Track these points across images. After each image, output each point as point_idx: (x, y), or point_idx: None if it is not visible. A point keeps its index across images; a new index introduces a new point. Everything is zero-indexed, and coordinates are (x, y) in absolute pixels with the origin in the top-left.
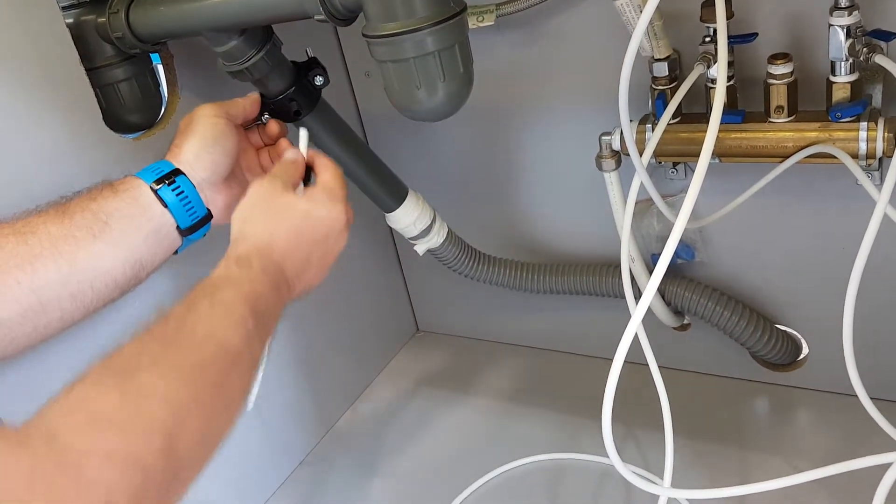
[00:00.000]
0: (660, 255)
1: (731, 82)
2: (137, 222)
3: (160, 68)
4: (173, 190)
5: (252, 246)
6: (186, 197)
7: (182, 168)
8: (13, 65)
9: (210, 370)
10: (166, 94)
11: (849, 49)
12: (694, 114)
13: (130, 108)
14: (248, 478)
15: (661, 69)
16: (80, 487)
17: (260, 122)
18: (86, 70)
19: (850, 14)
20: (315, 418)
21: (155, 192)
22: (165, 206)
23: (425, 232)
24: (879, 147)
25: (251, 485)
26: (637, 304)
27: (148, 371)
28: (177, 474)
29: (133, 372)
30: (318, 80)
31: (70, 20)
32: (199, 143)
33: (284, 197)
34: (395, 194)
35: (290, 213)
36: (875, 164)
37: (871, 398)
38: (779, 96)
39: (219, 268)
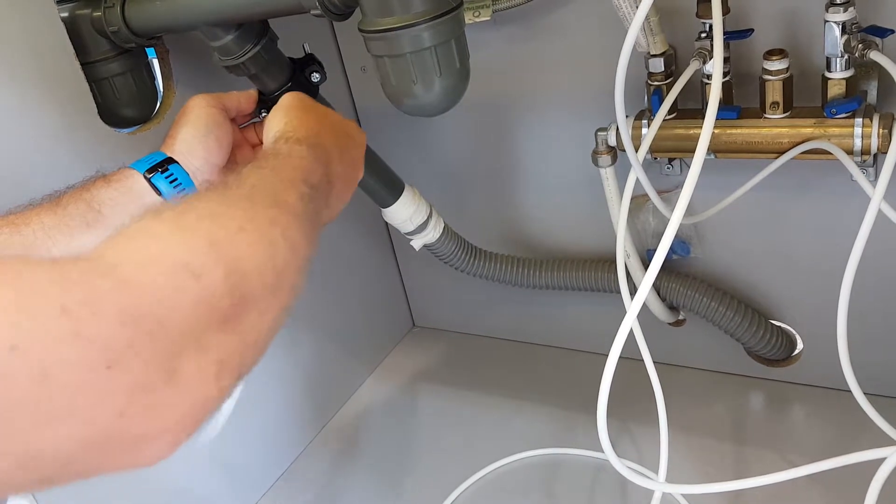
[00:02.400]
0: (655, 250)
1: (727, 78)
2: (131, 210)
3: (155, 63)
4: (167, 178)
5: (301, 133)
6: (180, 184)
7: (176, 157)
8: (8, 59)
9: (264, 206)
10: (162, 89)
11: (844, 45)
12: (690, 109)
13: (126, 103)
14: (244, 473)
15: (657, 65)
16: (120, 286)
17: (257, 118)
18: (81, 64)
19: (845, 10)
20: (311, 414)
21: (148, 180)
22: (159, 193)
23: (421, 227)
24: (874, 143)
25: (248, 480)
26: (632, 299)
27: (192, 202)
28: (242, 298)
29: (175, 207)
30: (315, 77)
31: (65, 14)
32: (192, 133)
33: (321, 106)
34: (392, 189)
35: (329, 115)
36: (870, 160)
37: (864, 394)
38: (774, 92)
39: (265, 150)
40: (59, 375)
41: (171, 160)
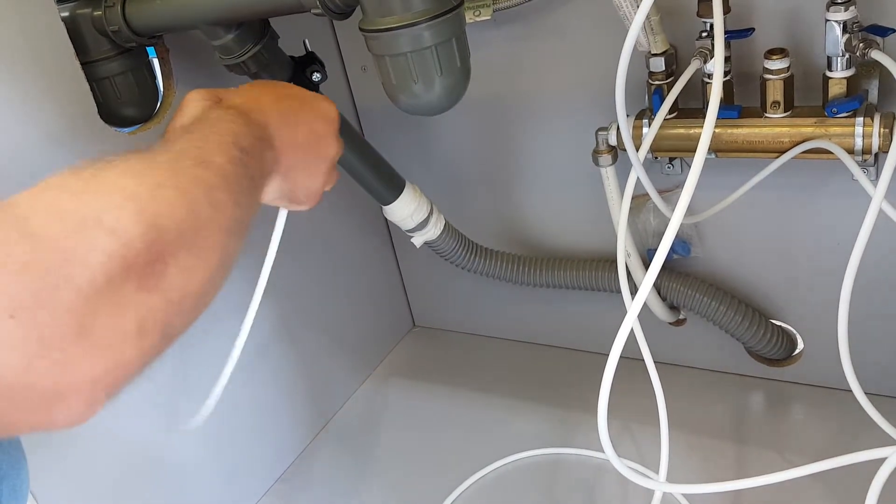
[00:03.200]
0: (656, 250)
1: (728, 77)
2: None
3: (156, 62)
4: None
5: (234, 101)
6: None
7: None
8: (8, 58)
9: (187, 167)
10: (162, 88)
11: (845, 44)
12: (690, 109)
13: (126, 102)
14: (243, 473)
15: (658, 64)
16: (25, 237)
17: None
18: (81, 64)
19: (846, 9)
20: (311, 413)
21: None
22: None
23: (422, 224)
24: (875, 142)
25: (247, 480)
26: (633, 299)
27: (113, 161)
28: (161, 255)
29: (96, 163)
30: (316, 77)
31: (65, 14)
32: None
33: (273, 81)
34: (393, 187)
35: (277, 86)
36: (871, 160)
37: (865, 393)
38: (775, 91)
39: (196, 117)
40: None
41: None
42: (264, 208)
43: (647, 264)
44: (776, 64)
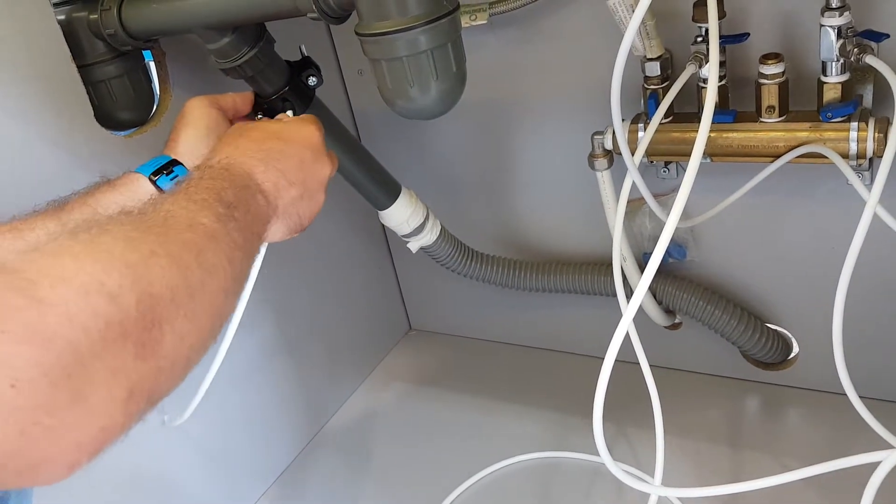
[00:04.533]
0: (652, 254)
1: (723, 82)
2: None
3: (152, 65)
4: (172, 179)
5: (213, 157)
6: None
7: (179, 159)
8: (4, 61)
9: (178, 231)
10: (158, 92)
11: (840, 49)
12: (686, 113)
13: (122, 106)
14: (239, 476)
15: (654, 69)
16: (34, 304)
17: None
18: (77, 67)
19: (841, 15)
20: (307, 417)
21: (154, 182)
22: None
23: (418, 229)
24: (870, 147)
25: (242, 484)
26: (629, 302)
27: (106, 226)
28: (156, 322)
29: (90, 229)
30: (312, 81)
31: (62, 17)
32: (194, 135)
33: (252, 123)
34: (389, 192)
35: (256, 129)
36: (865, 164)
37: (860, 397)
38: (770, 96)
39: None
40: None
41: (175, 162)
42: None
43: (642, 268)
44: (771, 69)
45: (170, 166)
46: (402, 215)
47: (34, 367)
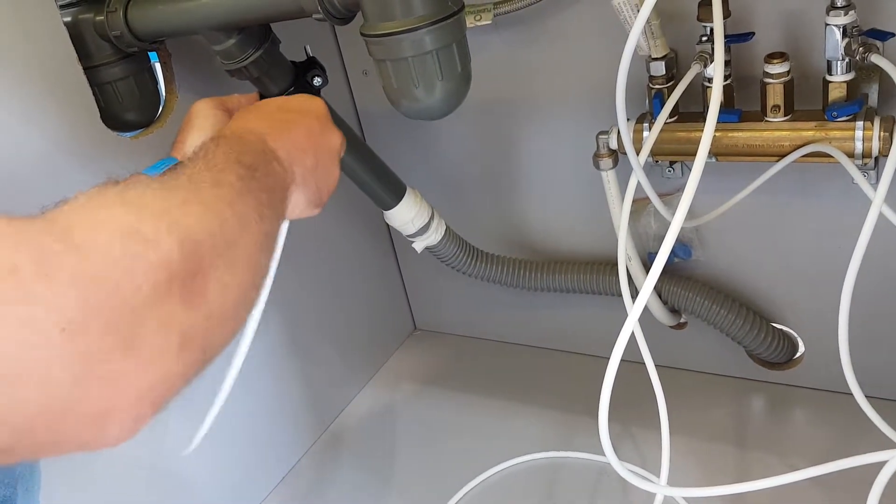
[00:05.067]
0: (657, 253)
1: (728, 81)
2: None
3: (158, 67)
4: None
5: (224, 130)
6: None
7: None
8: (11, 63)
9: (205, 189)
10: (164, 93)
11: (845, 48)
12: (691, 113)
13: (128, 107)
14: (244, 477)
15: (659, 68)
16: (72, 249)
17: None
18: (83, 68)
19: (846, 13)
20: (312, 417)
21: None
22: None
23: (423, 229)
24: (875, 146)
25: (248, 484)
26: (634, 302)
27: (132, 182)
28: (200, 268)
29: (117, 184)
30: (317, 81)
31: (68, 18)
32: (201, 137)
33: (259, 102)
34: (394, 192)
35: (263, 104)
36: (871, 163)
37: (866, 396)
38: (775, 95)
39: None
40: (9, 335)
41: (182, 164)
42: None
43: (647, 268)
44: (776, 68)
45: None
46: (407, 215)
47: (83, 310)
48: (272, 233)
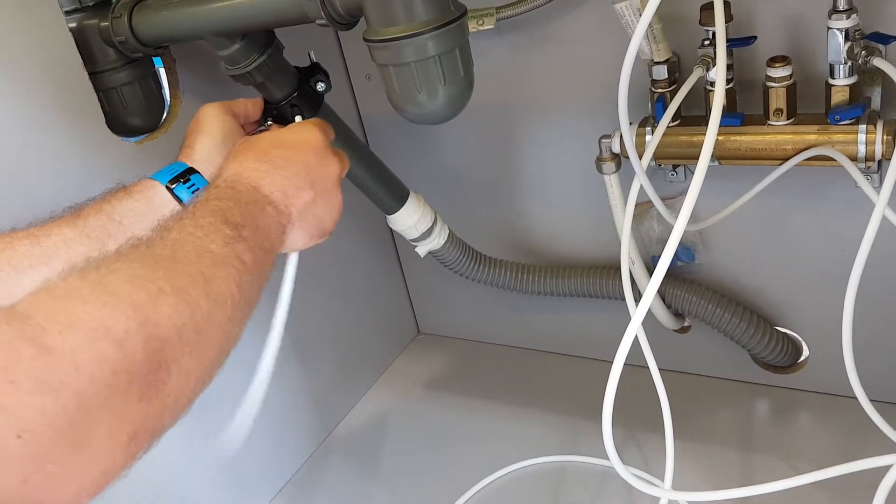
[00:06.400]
0: (660, 257)
1: (731, 85)
2: (152, 221)
3: (162, 72)
4: (189, 188)
5: (218, 179)
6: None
7: (195, 167)
8: (16, 69)
9: (186, 263)
10: (168, 98)
11: (847, 52)
12: (693, 116)
13: (133, 112)
14: (248, 481)
15: (661, 72)
16: (42, 353)
17: (263, 126)
18: (89, 74)
19: (848, 17)
20: (317, 421)
21: (171, 190)
22: (182, 203)
23: (427, 234)
24: (878, 149)
25: (254, 487)
26: (637, 306)
27: (114, 264)
28: (162, 364)
29: (99, 268)
30: (321, 87)
31: (73, 24)
32: (210, 142)
33: (254, 137)
34: (397, 196)
35: (258, 141)
36: (874, 167)
37: (870, 400)
38: (778, 99)
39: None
40: None
41: (192, 170)
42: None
43: (651, 271)
44: (779, 72)
45: (186, 174)
46: (410, 220)
47: (40, 417)
48: (252, 296)
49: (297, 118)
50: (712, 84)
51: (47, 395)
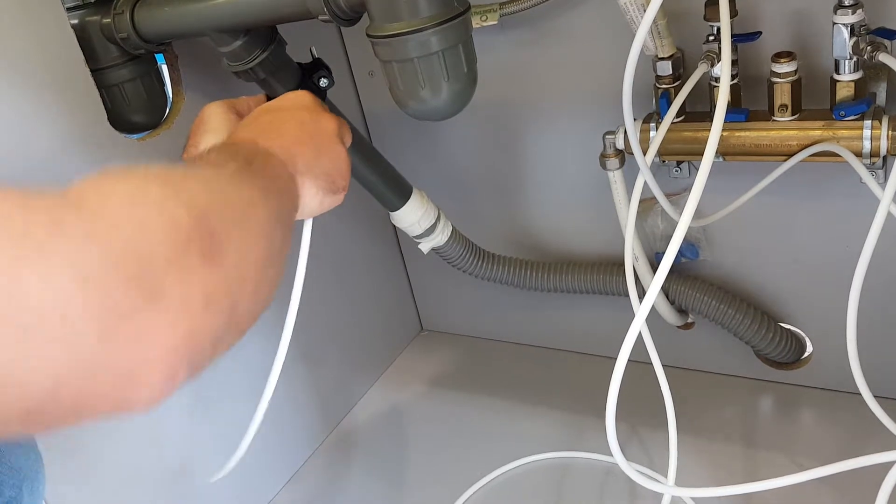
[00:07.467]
0: (664, 253)
1: (735, 81)
2: None
3: (165, 68)
4: None
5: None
6: None
7: None
8: (18, 66)
9: (205, 168)
10: (171, 95)
11: (853, 47)
12: (698, 112)
13: (135, 109)
14: (252, 477)
15: (665, 68)
16: (84, 212)
17: None
18: (91, 71)
19: (853, 12)
20: (320, 417)
21: None
22: None
23: (430, 230)
24: (883, 145)
25: (255, 484)
26: (641, 302)
27: (133, 167)
28: (214, 231)
29: (125, 168)
30: (323, 82)
31: (75, 21)
32: (215, 139)
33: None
34: (400, 193)
35: (249, 115)
36: (879, 163)
37: (874, 396)
38: (783, 95)
39: None
40: (29, 292)
41: None
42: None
43: (654, 268)
44: (784, 67)
45: None
46: (413, 216)
47: (101, 263)
48: (283, 212)
49: None
50: (717, 80)
51: (103, 242)
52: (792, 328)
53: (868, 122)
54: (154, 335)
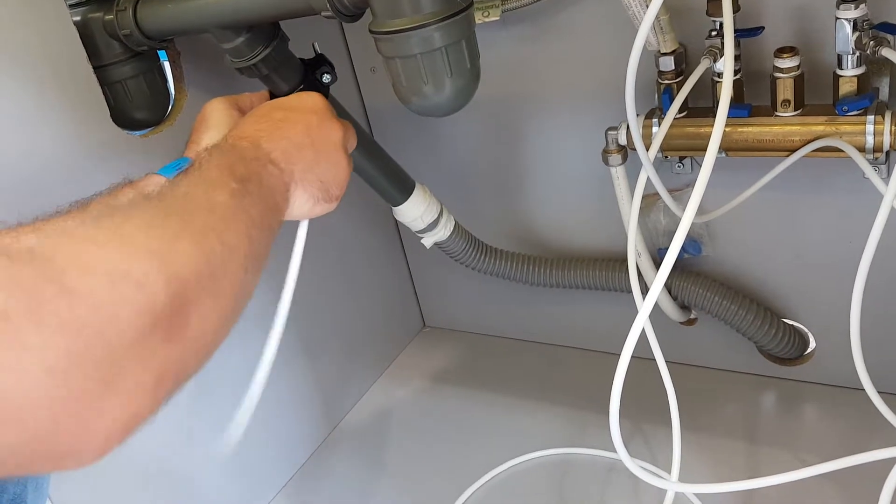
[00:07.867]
0: (667, 249)
1: (738, 76)
2: None
3: (167, 65)
4: None
5: (220, 140)
6: None
7: None
8: (21, 63)
9: (197, 213)
10: (173, 91)
11: (855, 42)
12: (700, 108)
13: (138, 105)
14: (254, 473)
15: (668, 63)
16: (64, 293)
17: None
18: (93, 68)
19: (856, 7)
20: (321, 414)
21: None
22: None
23: (432, 225)
24: (887, 140)
25: (258, 481)
26: (644, 298)
27: (128, 211)
28: (184, 306)
29: (113, 216)
30: (326, 78)
31: (77, 18)
32: (216, 136)
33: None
34: (402, 188)
35: (260, 107)
36: (882, 158)
37: (878, 392)
38: (785, 90)
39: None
40: None
41: None
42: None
43: (657, 264)
44: (786, 62)
45: None
46: (416, 211)
47: (66, 356)
48: (261, 249)
49: None
50: (720, 75)
51: (73, 334)
52: (795, 324)
53: (871, 118)
54: (99, 419)
